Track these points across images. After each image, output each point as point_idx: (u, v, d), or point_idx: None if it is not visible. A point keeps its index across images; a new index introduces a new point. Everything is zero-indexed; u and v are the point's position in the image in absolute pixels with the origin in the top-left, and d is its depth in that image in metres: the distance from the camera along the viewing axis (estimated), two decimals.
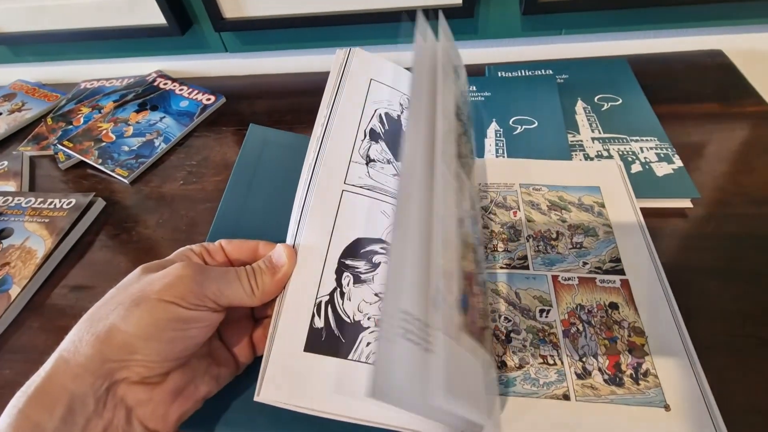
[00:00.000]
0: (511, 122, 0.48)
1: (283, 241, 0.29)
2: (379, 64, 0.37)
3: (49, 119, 0.61)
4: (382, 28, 0.58)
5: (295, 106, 0.60)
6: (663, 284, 0.33)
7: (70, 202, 0.48)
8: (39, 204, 0.48)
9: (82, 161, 0.54)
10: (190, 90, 0.63)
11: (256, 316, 0.30)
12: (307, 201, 0.29)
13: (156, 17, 0.58)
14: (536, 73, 0.54)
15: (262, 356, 0.25)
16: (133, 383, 0.23)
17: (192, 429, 0.27)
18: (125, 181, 0.52)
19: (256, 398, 0.23)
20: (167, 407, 0.24)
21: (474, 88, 0.53)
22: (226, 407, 0.28)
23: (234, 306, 0.26)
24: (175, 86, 0.64)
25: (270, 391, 0.23)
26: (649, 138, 0.45)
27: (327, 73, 0.34)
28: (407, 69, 0.38)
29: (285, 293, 0.26)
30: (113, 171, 0.52)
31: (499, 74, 0.55)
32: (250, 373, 0.29)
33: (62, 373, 0.21)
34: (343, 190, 0.29)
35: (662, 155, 0.43)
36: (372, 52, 0.62)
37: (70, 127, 0.59)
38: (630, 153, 0.43)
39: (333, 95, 0.33)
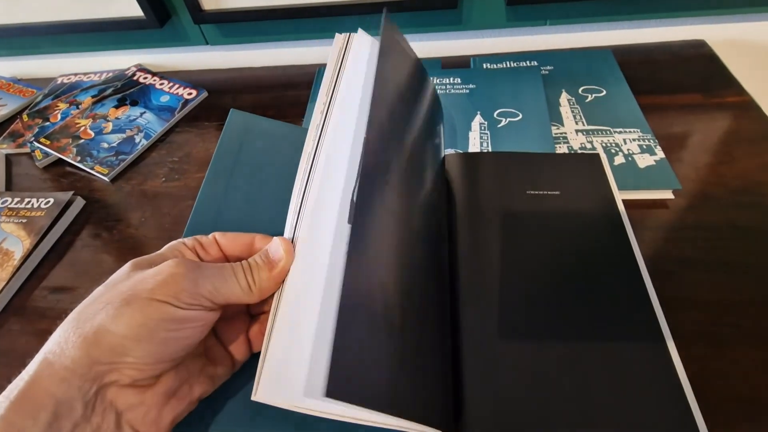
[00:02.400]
0: (495, 115, 0.48)
1: (271, 234, 0.28)
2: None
3: (25, 116, 0.60)
4: (368, 20, 0.57)
5: (279, 99, 0.59)
6: (644, 274, 0.34)
7: (49, 201, 0.47)
8: (16, 204, 0.47)
9: (60, 159, 0.53)
10: (171, 84, 0.61)
11: (252, 312, 0.29)
12: (307, 193, 0.27)
13: (133, 9, 0.57)
14: (521, 64, 0.54)
15: (258, 353, 0.24)
16: (123, 386, 0.22)
17: (186, 429, 0.26)
18: (105, 178, 0.51)
19: (253, 398, 0.22)
20: (159, 410, 0.23)
21: (459, 80, 0.53)
22: (222, 406, 0.28)
23: (230, 303, 0.25)
24: (155, 80, 0.62)
25: (269, 390, 0.22)
26: (632, 129, 0.45)
27: (312, 66, 0.34)
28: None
29: (283, 288, 0.25)
30: (93, 168, 0.51)
31: (484, 66, 0.55)
32: (247, 370, 0.28)
33: (47, 377, 0.20)
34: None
35: (645, 147, 0.43)
36: None
37: (47, 123, 0.58)
38: (613, 145, 0.44)
39: (333, 82, 0.32)
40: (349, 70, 0.33)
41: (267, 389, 0.22)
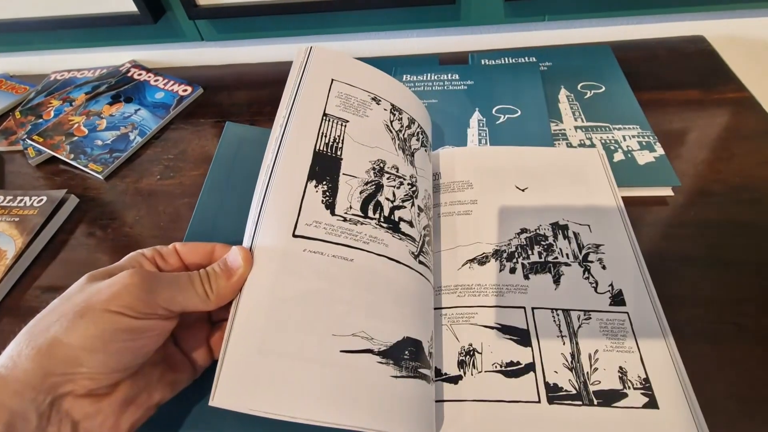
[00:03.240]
0: (494, 111, 0.47)
1: None
2: (341, 63, 0.36)
3: (17, 113, 0.59)
4: (364, 15, 0.56)
5: (276, 96, 0.56)
6: (643, 272, 0.34)
7: (42, 200, 0.46)
8: (8, 202, 0.46)
9: (53, 156, 0.52)
10: (166, 81, 0.60)
11: (213, 319, 0.30)
12: (265, 203, 0.28)
13: (127, 4, 0.56)
14: (519, 60, 0.54)
15: None
16: (79, 396, 0.22)
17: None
18: (99, 176, 0.50)
19: (211, 403, 0.22)
20: (117, 418, 0.23)
21: (457, 77, 0.52)
22: (186, 411, 0.28)
23: (188, 311, 0.25)
24: (150, 77, 0.61)
25: (225, 395, 0.22)
26: (631, 126, 0.44)
27: None
28: (371, 63, 0.38)
29: (241, 295, 0.25)
30: (86, 166, 0.50)
31: (482, 62, 0.54)
32: (210, 375, 0.29)
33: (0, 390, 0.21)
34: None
35: (644, 143, 0.43)
36: (354, 39, 0.61)
37: (40, 120, 0.57)
38: (613, 141, 0.43)
39: (292, 96, 0.33)
40: (309, 83, 0.34)
41: (224, 394, 0.23)
